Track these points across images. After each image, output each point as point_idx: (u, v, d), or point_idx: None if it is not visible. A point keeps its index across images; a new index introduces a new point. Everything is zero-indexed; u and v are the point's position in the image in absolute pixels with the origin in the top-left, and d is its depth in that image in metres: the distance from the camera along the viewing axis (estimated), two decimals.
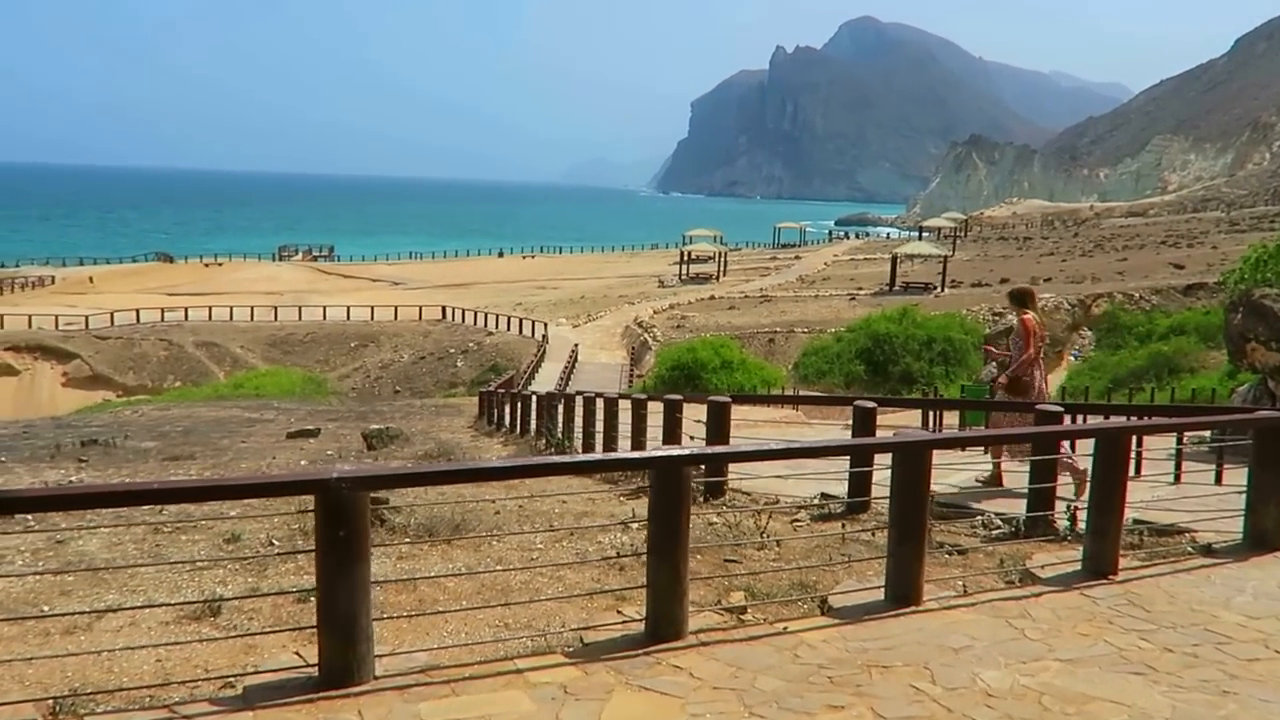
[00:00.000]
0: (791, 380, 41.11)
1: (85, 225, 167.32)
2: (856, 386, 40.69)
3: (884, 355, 39.79)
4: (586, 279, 77.08)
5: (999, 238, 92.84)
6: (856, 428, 7.64)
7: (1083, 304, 45.26)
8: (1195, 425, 7.34)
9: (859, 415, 7.57)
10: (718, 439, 8.48)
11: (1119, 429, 5.48)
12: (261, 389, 34.62)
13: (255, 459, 16.10)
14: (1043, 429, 6.33)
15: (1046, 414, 7.13)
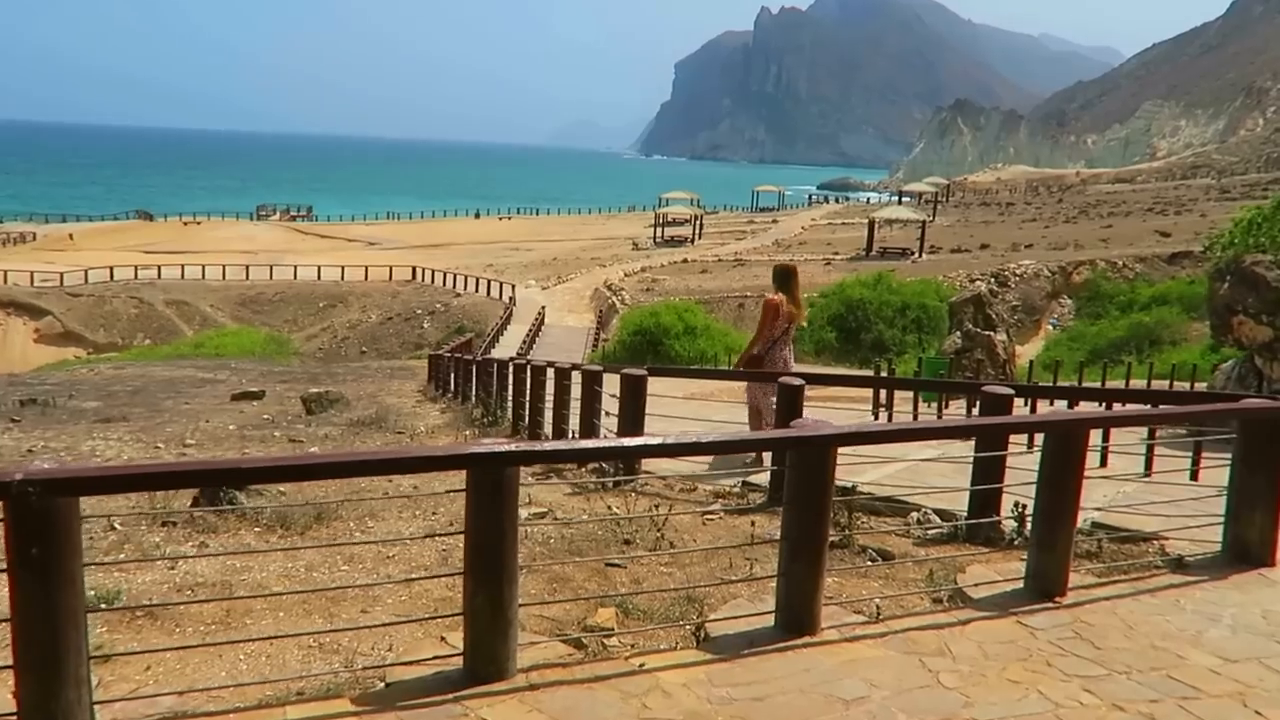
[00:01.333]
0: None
1: (71, 182, 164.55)
2: (827, 354, 39.87)
3: (856, 322, 38.93)
4: (561, 241, 75.84)
5: (981, 203, 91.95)
6: (782, 408, 6.75)
7: (1063, 271, 44.51)
8: (1169, 419, 6.43)
9: (784, 393, 6.68)
10: (633, 417, 7.58)
11: (1072, 421, 4.57)
12: (222, 349, 33.64)
13: (189, 422, 15.29)
14: (991, 420, 5.42)
15: (787, 386, 6.52)
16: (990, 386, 5.88)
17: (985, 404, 5.84)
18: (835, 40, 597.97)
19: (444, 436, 12.42)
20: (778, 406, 6.77)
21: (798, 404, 6.55)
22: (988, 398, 5.79)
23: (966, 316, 14.73)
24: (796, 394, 6.58)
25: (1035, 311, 42.83)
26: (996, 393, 5.76)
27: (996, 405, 5.75)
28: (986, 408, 5.82)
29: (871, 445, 6.26)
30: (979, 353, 14.40)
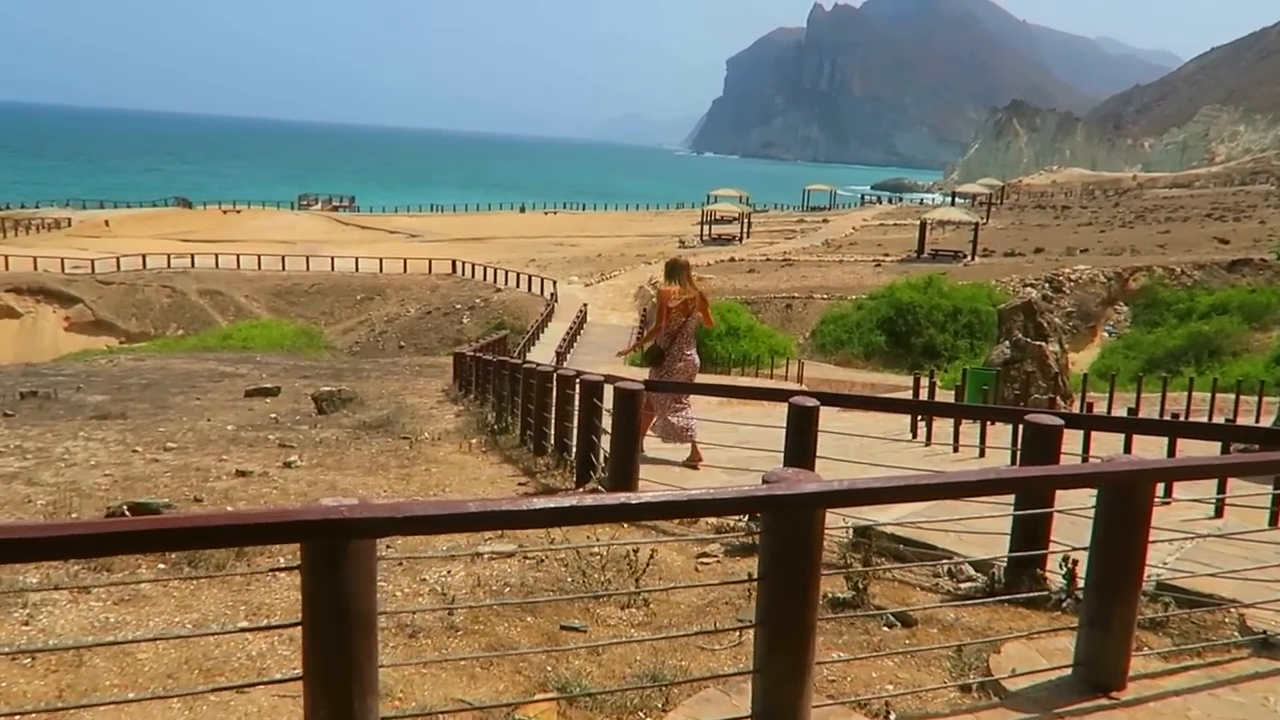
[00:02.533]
0: (806, 349, 39.22)
1: (113, 169, 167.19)
2: (877, 358, 38.74)
3: (906, 326, 37.82)
4: (606, 237, 75.12)
5: (1036, 206, 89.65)
6: (791, 433, 5.88)
7: (1119, 277, 42.87)
8: (1257, 467, 5.39)
9: (794, 416, 5.81)
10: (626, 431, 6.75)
11: (1133, 473, 3.64)
12: (250, 341, 33.32)
13: (190, 420, 14.70)
14: (1031, 473, 4.44)
15: (800, 409, 5.76)
16: (1035, 415, 4.95)
17: (1029, 438, 4.92)
18: (889, 38, 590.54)
19: (448, 444, 11.66)
20: (788, 433, 5.90)
21: (811, 433, 5.70)
22: (1032, 431, 4.87)
23: (1016, 325, 13.68)
24: (810, 420, 5.72)
25: (1090, 318, 41.28)
26: (1042, 423, 4.83)
27: (1041, 440, 4.83)
28: (1030, 442, 4.90)
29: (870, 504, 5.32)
30: (1029, 364, 13.36)
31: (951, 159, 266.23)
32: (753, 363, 28.63)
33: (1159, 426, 4.99)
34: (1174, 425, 5.08)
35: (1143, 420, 5.02)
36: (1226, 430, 5.06)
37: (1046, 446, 4.91)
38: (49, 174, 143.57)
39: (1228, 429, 5.08)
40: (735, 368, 29.08)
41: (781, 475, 2.89)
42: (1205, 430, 5.34)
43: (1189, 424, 4.82)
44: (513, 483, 8.63)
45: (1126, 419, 4.94)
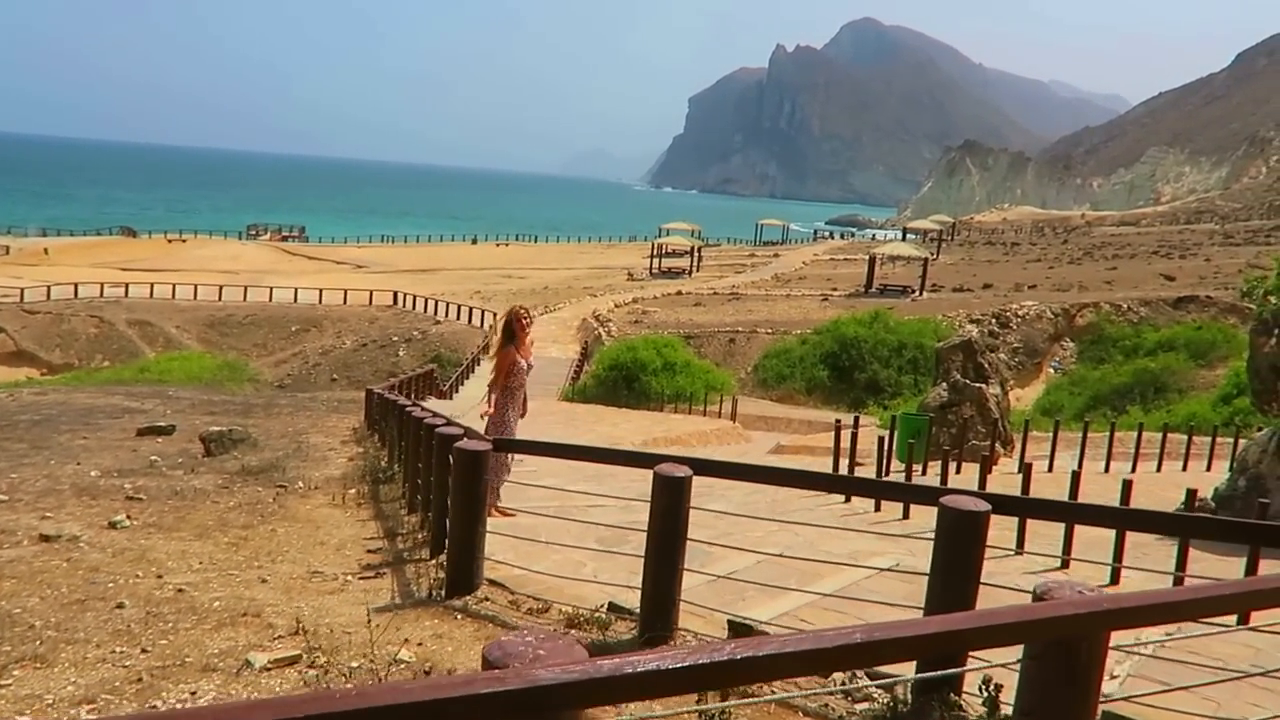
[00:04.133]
0: (748, 385, 38.26)
1: (64, 198, 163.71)
2: (819, 393, 37.88)
3: (850, 360, 37.07)
4: (556, 269, 74.10)
5: (986, 242, 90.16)
6: (658, 512, 4.74)
7: (1067, 313, 42.58)
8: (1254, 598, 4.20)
9: (661, 491, 4.68)
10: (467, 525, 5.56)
11: (1082, 618, 2.44)
12: (168, 374, 31.64)
13: (60, 462, 13.33)
14: (935, 628, 3.29)
15: (668, 480, 4.75)
16: (956, 500, 3.87)
17: (944, 526, 3.83)
18: (849, 79, 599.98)
19: (322, 495, 10.39)
20: (652, 507, 4.80)
21: (682, 510, 4.62)
22: (949, 517, 3.78)
23: (955, 365, 12.75)
24: (679, 495, 4.63)
25: (1037, 354, 40.87)
26: (961, 509, 3.76)
27: (961, 529, 3.75)
28: (946, 533, 3.81)
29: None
30: (968, 407, 12.39)
31: (906, 197, 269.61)
32: (688, 399, 27.56)
33: (1104, 516, 3.93)
34: (1123, 516, 4.02)
35: (1086, 507, 3.95)
36: (1188, 523, 3.97)
37: (967, 537, 3.85)
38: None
39: (1190, 521, 3.98)
40: (671, 404, 27.97)
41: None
42: (1163, 523, 4.21)
43: (1140, 514, 3.72)
44: (363, 549, 7.41)
45: (1067, 506, 3.85)
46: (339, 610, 5.48)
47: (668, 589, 4.75)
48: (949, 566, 3.85)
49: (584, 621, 5.09)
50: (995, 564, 6.42)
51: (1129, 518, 3.94)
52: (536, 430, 20.75)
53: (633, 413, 24.85)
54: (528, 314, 9.13)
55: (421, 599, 5.62)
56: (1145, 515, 3.88)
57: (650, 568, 4.77)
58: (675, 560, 4.74)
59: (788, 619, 4.86)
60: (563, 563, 5.97)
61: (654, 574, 4.75)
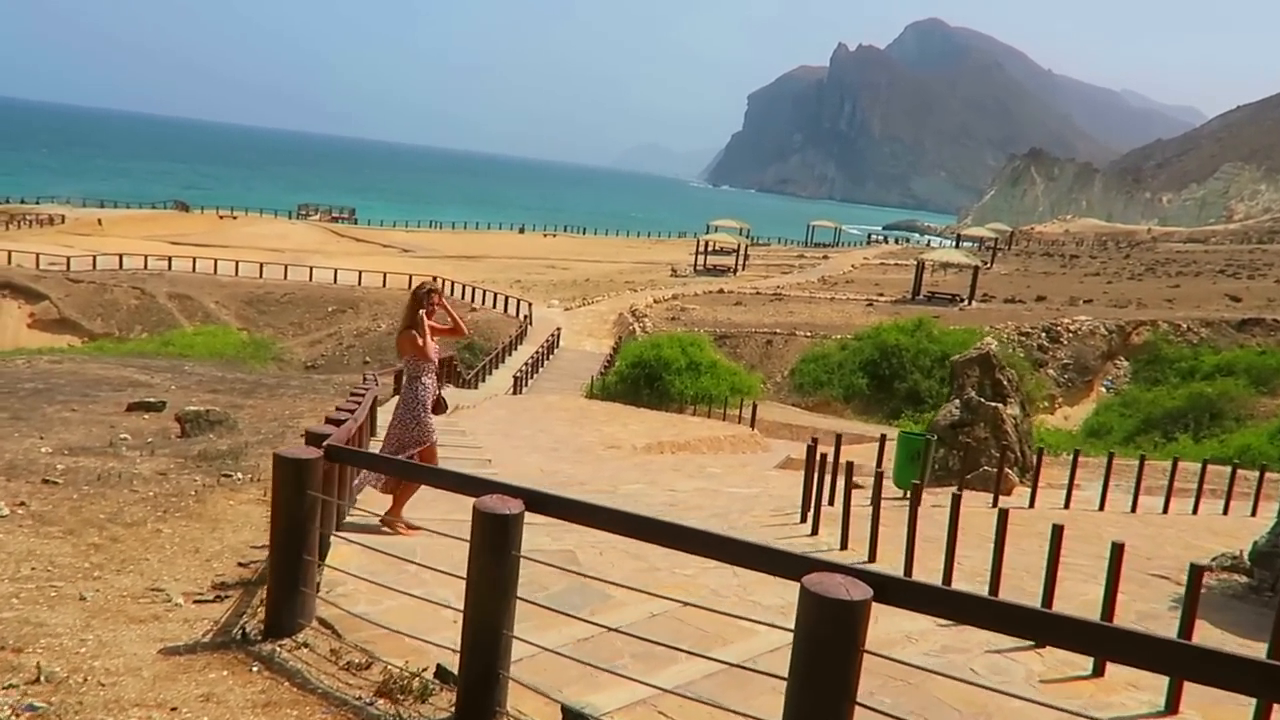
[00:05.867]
0: (782, 389, 36.95)
1: (121, 171, 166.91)
2: (856, 402, 36.47)
3: (890, 369, 35.70)
4: (600, 262, 73.21)
5: (1044, 253, 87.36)
6: (479, 551, 3.66)
7: (1122, 330, 40.61)
8: None
9: (483, 529, 3.61)
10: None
11: None
12: (190, 348, 31.24)
13: (22, 437, 12.70)
14: None
15: (493, 518, 3.77)
16: (823, 581, 2.76)
17: (805, 618, 2.72)
18: (912, 81, 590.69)
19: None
20: (471, 550, 3.72)
21: (508, 555, 3.55)
22: (812, 606, 2.68)
23: (970, 381, 11.46)
24: (506, 534, 3.57)
25: (1088, 372, 39.02)
26: (828, 596, 2.66)
27: (828, 623, 2.66)
28: (807, 627, 2.72)
29: None
30: (981, 428, 11.12)
31: (968, 204, 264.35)
32: (713, 400, 26.39)
33: (1019, 621, 2.62)
34: (1042, 620, 2.70)
35: (991, 605, 2.62)
36: (1122, 641, 2.62)
37: (838, 634, 2.73)
38: (61, 171, 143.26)
39: (1125, 640, 2.64)
40: (694, 406, 26.84)
41: None
42: (1088, 638, 2.78)
43: (1065, 621, 2.49)
44: (237, 560, 6.46)
45: (971, 601, 2.61)
46: (127, 648, 4.51)
47: (491, 657, 3.68)
48: (812, 675, 2.74)
49: (400, 689, 4.05)
50: (960, 634, 5.25)
51: (1040, 626, 2.77)
52: (540, 428, 19.84)
53: (649, 413, 23.78)
54: (439, 289, 7.63)
55: (232, 640, 4.61)
56: (1070, 624, 2.71)
57: (469, 630, 3.71)
58: (500, 621, 3.67)
59: (643, 710, 3.76)
60: (423, 601, 4.91)
61: (473, 638, 3.70)
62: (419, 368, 7.32)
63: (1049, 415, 35.87)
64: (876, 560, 6.62)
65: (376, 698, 4.02)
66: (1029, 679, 4.66)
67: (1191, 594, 4.28)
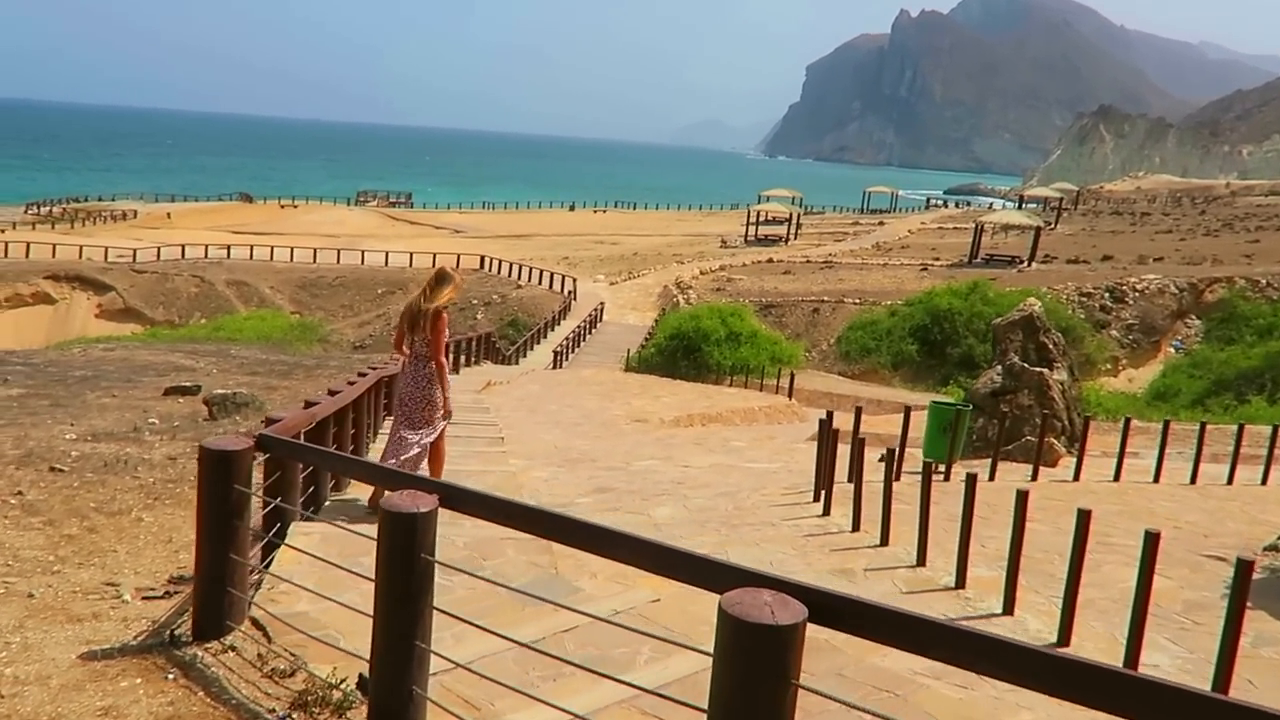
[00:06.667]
0: (829, 357, 36.07)
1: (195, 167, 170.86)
2: (906, 369, 35.37)
3: (943, 334, 34.55)
4: (650, 235, 72.57)
5: (1113, 212, 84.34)
6: (384, 539, 3.22)
7: (1194, 288, 38.82)
8: None
9: (396, 528, 3.15)
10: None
11: None
12: (239, 332, 31.54)
13: (51, 424, 12.71)
14: None
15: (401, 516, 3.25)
16: (742, 600, 2.19)
17: (725, 643, 2.18)
18: (976, 44, 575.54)
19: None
20: (379, 554, 3.25)
21: (416, 558, 3.09)
22: (732, 630, 2.14)
23: (1013, 345, 10.71)
24: (411, 534, 3.10)
25: (1155, 332, 37.40)
26: (747, 620, 2.12)
27: (750, 651, 2.13)
28: (727, 654, 2.18)
29: None
30: (1025, 395, 10.38)
31: (1033, 165, 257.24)
32: (752, 372, 25.76)
33: (979, 652, 2.06)
34: (1007, 654, 2.12)
35: (948, 632, 2.10)
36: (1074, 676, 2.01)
37: (762, 662, 2.21)
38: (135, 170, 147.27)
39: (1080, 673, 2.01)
40: (734, 377, 26.25)
41: None
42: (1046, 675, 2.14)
43: (1035, 656, 1.95)
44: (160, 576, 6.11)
45: (901, 621, 2.05)
46: (49, 652, 4.18)
47: (403, 672, 3.23)
48: (731, 714, 2.24)
49: (318, 701, 3.63)
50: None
51: (1003, 660, 2.16)
52: (569, 402, 19.44)
53: (683, 385, 23.25)
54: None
55: (161, 643, 4.26)
56: (1041, 660, 2.11)
57: (378, 641, 3.26)
58: (412, 631, 3.21)
59: None
60: (365, 600, 4.50)
61: (383, 650, 3.24)
62: (432, 349, 6.96)
63: (1112, 378, 34.48)
64: (890, 544, 6.05)
65: (291, 710, 3.62)
66: None
67: (1239, 590, 3.65)
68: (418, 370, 7.07)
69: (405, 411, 7.07)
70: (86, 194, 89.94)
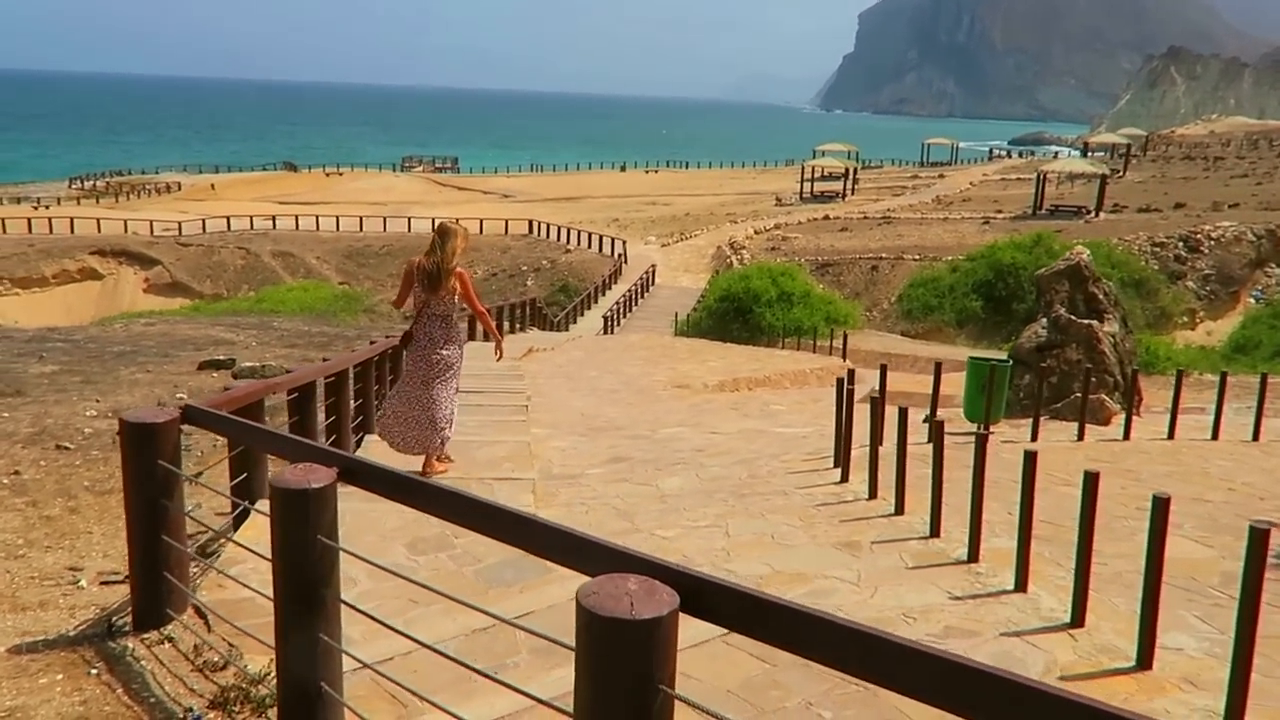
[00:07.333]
0: (890, 316, 35.18)
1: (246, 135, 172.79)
2: (970, 326, 34.39)
3: (1007, 290, 33.46)
4: (703, 195, 71.57)
5: (1185, 157, 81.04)
6: (276, 520, 2.84)
7: (1273, 235, 37.02)
8: None
9: (278, 502, 2.77)
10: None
11: None
12: (282, 304, 31.59)
13: (84, 398, 12.71)
14: None
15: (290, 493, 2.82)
16: (596, 589, 1.80)
17: (580, 634, 1.77)
18: None
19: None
20: (273, 534, 2.87)
21: (313, 541, 2.71)
22: (592, 628, 1.73)
23: (1059, 296, 10.03)
24: (304, 511, 2.72)
25: (1233, 282, 35.80)
26: (597, 614, 1.71)
27: (604, 650, 1.71)
28: (581, 647, 1.77)
29: None
30: (1073, 350, 9.70)
31: (1100, 112, 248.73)
32: (805, 333, 25.10)
33: (843, 648, 1.64)
34: (878, 650, 1.68)
35: (821, 626, 1.71)
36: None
37: (623, 657, 1.78)
38: (181, 142, 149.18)
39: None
40: (786, 338, 25.62)
41: None
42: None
43: (911, 655, 1.53)
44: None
45: (769, 611, 1.65)
46: None
47: (308, 668, 2.87)
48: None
49: (240, 698, 3.30)
50: (975, 610, 4.16)
51: (871, 656, 1.68)
52: (611, 368, 19.01)
53: (735, 348, 22.70)
54: None
55: (98, 632, 3.98)
56: (918, 659, 1.63)
57: (280, 633, 2.90)
58: (314, 623, 2.83)
59: None
60: None
61: (285, 644, 2.89)
62: (472, 306, 7.02)
63: (1189, 331, 33.20)
64: (905, 513, 5.56)
65: (209, 710, 3.30)
66: (1048, 673, 3.59)
67: (1254, 563, 3.11)
68: (447, 331, 6.89)
69: (435, 372, 6.87)
70: (130, 167, 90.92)
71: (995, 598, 4.31)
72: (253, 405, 4.88)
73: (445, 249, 6.75)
